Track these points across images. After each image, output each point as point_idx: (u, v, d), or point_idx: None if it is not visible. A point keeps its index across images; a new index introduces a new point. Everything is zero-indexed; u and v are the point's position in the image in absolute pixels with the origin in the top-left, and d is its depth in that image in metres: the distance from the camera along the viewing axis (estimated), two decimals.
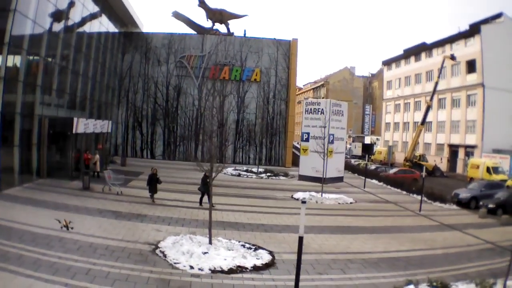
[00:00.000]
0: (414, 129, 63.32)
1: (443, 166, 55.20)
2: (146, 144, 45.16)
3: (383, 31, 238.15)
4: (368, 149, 70.59)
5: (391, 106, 73.78)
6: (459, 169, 52.93)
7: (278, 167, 43.71)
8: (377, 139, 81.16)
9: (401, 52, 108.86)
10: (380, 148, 67.54)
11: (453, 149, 55.11)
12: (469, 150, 51.69)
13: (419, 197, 27.77)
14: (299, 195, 26.41)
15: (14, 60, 22.05)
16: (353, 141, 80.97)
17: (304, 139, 34.25)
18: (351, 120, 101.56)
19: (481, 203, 26.12)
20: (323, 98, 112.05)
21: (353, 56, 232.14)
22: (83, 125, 26.71)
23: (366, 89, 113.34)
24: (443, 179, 47.14)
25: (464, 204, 27.44)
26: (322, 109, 33.16)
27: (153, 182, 21.20)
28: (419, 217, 23.15)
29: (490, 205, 25.28)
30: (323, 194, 26.42)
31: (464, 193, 28.18)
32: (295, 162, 43.50)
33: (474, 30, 52.63)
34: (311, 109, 33.95)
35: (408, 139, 62.95)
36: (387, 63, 78.20)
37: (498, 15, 53.15)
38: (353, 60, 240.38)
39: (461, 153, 53.34)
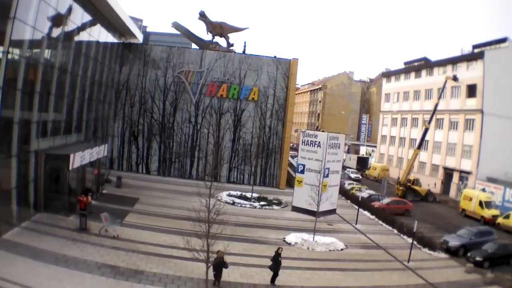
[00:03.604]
0: (410, 145, 63.84)
1: (437, 188, 55.74)
2: (142, 159, 45.17)
3: (384, 37, 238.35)
4: (363, 162, 71.36)
5: (388, 119, 73.95)
6: (453, 193, 53.36)
7: (272, 189, 43.96)
8: (372, 150, 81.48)
9: (400, 59, 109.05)
10: (375, 164, 67.96)
11: (448, 172, 55.45)
12: (464, 175, 52.02)
13: (409, 240, 28.26)
14: (292, 238, 26.77)
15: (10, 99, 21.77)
16: (348, 151, 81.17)
17: (299, 171, 34.55)
18: (346, 126, 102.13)
19: (469, 254, 26.64)
20: (320, 101, 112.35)
21: (352, 58, 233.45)
22: (79, 158, 26.76)
23: (363, 94, 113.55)
24: (436, 205, 47.77)
25: (453, 252, 27.96)
26: (319, 142, 33.46)
27: (219, 268, 18.26)
28: (407, 272, 23.57)
29: (478, 258, 25.91)
30: (315, 237, 26.81)
31: (453, 241, 28.68)
32: (290, 182, 43.80)
33: (477, 54, 52.82)
34: (307, 141, 34.16)
35: (404, 155, 63.33)
36: (387, 75, 78.29)
37: (503, 40, 53.24)
38: (352, 62, 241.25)
39: (455, 177, 53.64)
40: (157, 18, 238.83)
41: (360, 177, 61.63)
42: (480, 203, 40.13)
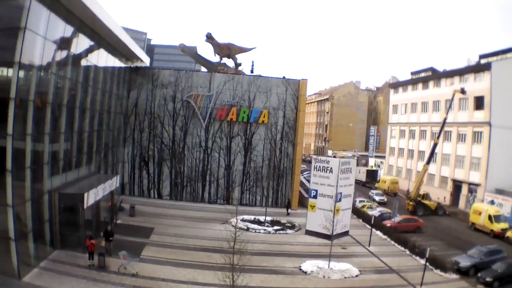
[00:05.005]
0: (419, 157, 64.10)
1: (447, 200, 55.89)
2: (153, 183, 45.76)
3: (390, 45, 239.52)
4: (372, 175, 71.57)
5: (396, 131, 74.21)
6: (462, 204, 53.50)
7: (285, 210, 44.26)
8: (381, 162, 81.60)
9: (407, 67, 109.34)
10: (384, 177, 68.12)
11: (457, 184, 55.58)
12: (473, 187, 52.12)
13: (421, 261, 28.67)
14: (308, 266, 27.17)
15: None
16: (356, 164, 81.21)
17: (312, 196, 34.83)
18: (354, 136, 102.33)
19: (479, 274, 27.09)
20: (327, 112, 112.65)
21: (358, 66, 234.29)
22: (93, 195, 27.19)
23: (370, 103, 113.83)
24: (446, 218, 48.00)
25: (464, 272, 28.42)
26: (331, 167, 33.72)
27: None
28: None
29: (488, 279, 26.39)
30: (330, 263, 27.22)
31: (464, 261, 29.10)
32: (302, 202, 44.25)
33: (484, 66, 53.08)
34: (319, 166, 34.34)
35: (412, 167, 63.48)
36: (394, 86, 78.79)
37: (510, 50, 53.47)
38: (358, 70, 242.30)
39: (464, 189, 53.76)
40: (161, 30, 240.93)
41: (385, 199, 56.56)
42: (490, 217, 40.48)
